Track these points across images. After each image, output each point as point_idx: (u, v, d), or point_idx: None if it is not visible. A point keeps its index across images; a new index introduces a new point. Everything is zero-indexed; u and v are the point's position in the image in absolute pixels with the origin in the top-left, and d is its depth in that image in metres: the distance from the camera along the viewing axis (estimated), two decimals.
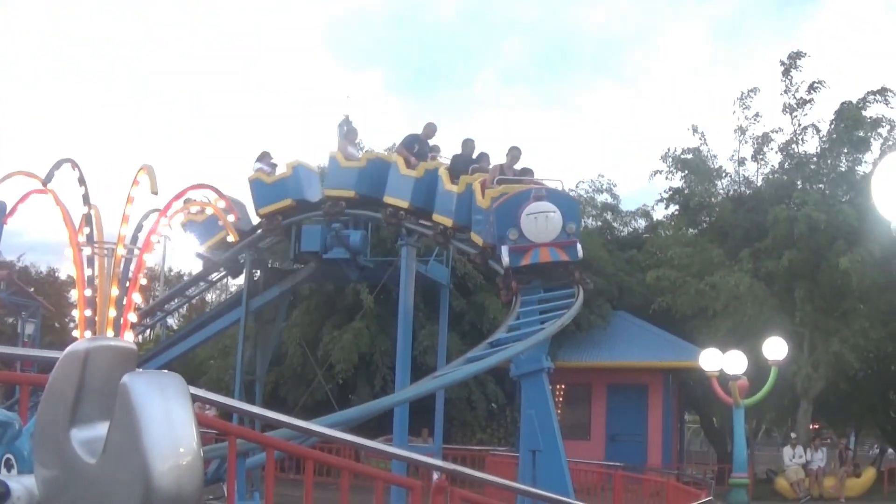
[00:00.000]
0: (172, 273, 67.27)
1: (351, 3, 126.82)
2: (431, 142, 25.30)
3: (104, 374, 2.97)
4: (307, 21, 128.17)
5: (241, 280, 30.88)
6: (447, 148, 25.29)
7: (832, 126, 38.01)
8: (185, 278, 68.75)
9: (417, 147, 24.69)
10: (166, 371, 2.90)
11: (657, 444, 38.98)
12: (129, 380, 2.74)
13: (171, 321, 45.84)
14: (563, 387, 38.64)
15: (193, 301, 47.01)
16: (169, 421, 2.70)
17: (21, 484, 3.55)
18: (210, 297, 57.61)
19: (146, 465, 2.64)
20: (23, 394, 6.36)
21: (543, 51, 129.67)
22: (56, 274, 66.50)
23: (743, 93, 39.50)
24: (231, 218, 19.91)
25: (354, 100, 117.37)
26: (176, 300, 41.70)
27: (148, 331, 39.47)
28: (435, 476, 8.86)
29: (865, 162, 38.00)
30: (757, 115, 39.25)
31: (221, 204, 19.29)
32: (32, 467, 3.51)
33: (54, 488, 3.19)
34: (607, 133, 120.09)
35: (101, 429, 2.91)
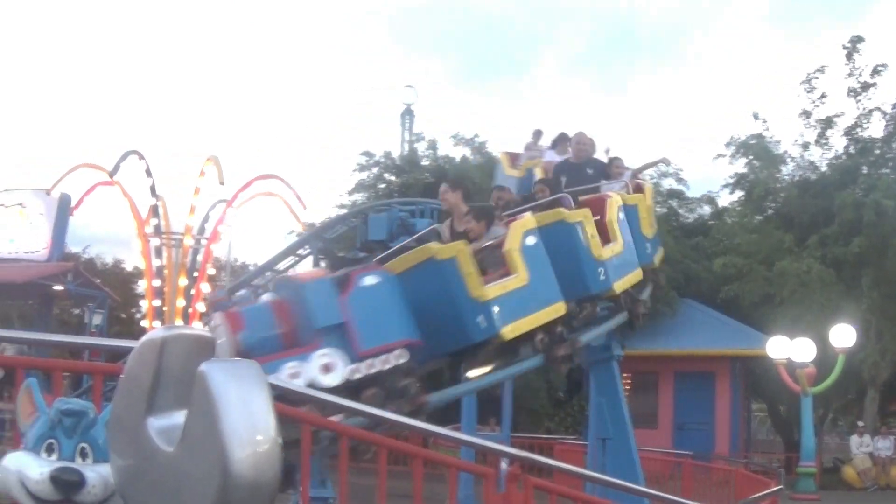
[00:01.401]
0: (238, 263, 67.64)
1: None
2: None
3: (181, 362, 2.97)
4: (371, 10, 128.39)
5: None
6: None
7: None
8: (251, 269, 69.12)
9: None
10: (243, 359, 2.89)
11: (724, 433, 38.68)
12: (207, 368, 2.73)
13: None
14: (629, 375, 38.47)
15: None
16: (247, 408, 2.69)
17: (96, 472, 3.57)
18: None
19: (224, 452, 2.64)
20: (96, 383, 6.38)
21: (603, 36, 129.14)
22: (122, 265, 66.93)
23: (808, 74, 39.08)
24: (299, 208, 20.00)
25: (416, 89, 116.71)
26: (243, 290, 41.76)
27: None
28: (502, 465, 8.82)
29: None
30: (823, 96, 38.82)
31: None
32: (107, 456, 3.52)
33: (130, 476, 3.20)
34: (669, 118, 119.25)
35: (177, 417, 2.91)
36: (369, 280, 11.24)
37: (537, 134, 21.41)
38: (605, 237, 15.16)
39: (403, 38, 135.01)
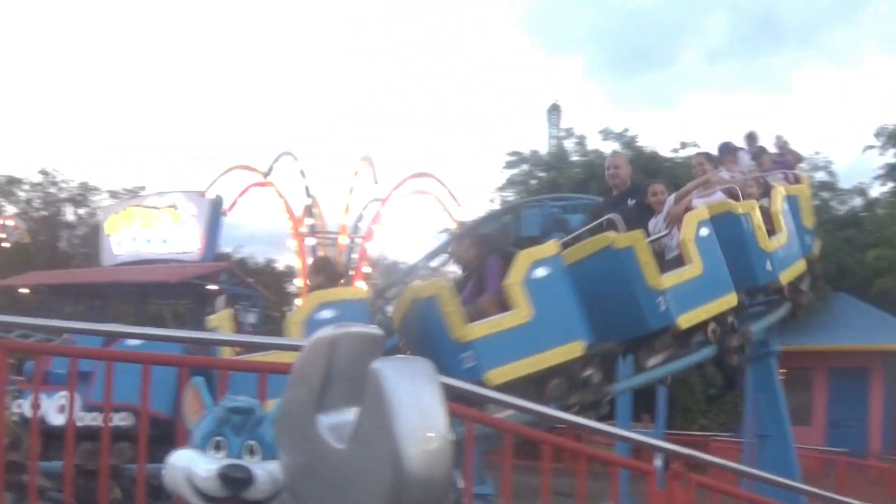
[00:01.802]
0: (388, 261, 68.11)
1: None
2: None
3: (351, 360, 2.99)
4: (506, 4, 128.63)
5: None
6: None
7: None
8: (401, 266, 69.58)
9: None
10: (415, 357, 2.89)
11: (878, 430, 38.04)
12: (380, 366, 2.74)
13: (391, 308, 46.36)
14: (784, 371, 37.94)
15: None
16: (419, 406, 2.69)
17: (264, 469, 3.59)
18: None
19: (397, 449, 2.64)
20: (261, 381, 6.44)
21: (747, 26, 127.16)
22: (273, 264, 67.82)
23: None
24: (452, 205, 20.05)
25: (557, 85, 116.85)
26: (395, 288, 42.08)
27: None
28: (657, 462, 8.71)
29: None
30: None
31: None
32: (274, 453, 3.54)
33: (299, 474, 3.22)
34: (817, 109, 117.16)
35: (348, 414, 2.92)
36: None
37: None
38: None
39: (546, 34, 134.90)
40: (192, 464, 3.66)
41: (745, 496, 8.92)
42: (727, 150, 17.43)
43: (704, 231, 13.01)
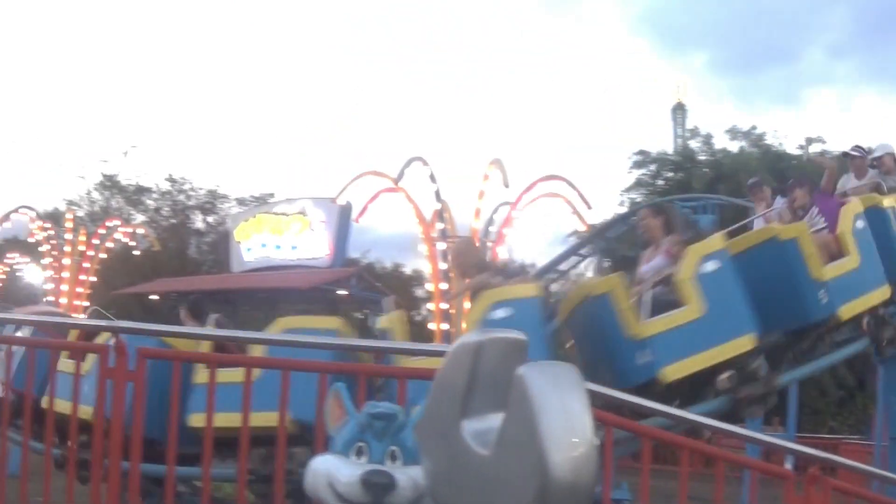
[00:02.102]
0: (515, 264, 67.95)
1: None
2: None
3: (496, 365, 3.00)
4: (624, 4, 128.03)
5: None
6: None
7: None
8: (529, 269, 69.67)
9: None
10: (560, 362, 2.89)
11: None
12: (526, 371, 2.75)
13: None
14: None
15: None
16: (565, 412, 2.70)
17: (406, 475, 3.61)
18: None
19: (543, 455, 2.65)
20: (400, 387, 6.51)
21: (871, 20, 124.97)
22: (401, 269, 68.18)
23: None
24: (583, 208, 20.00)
25: (681, 84, 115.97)
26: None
27: None
28: (787, 465, 8.61)
29: None
30: None
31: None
32: (416, 459, 3.56)
33: (442, 479, 3.24)
34: None
35: (492, 420, 2.93)
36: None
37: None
38: None
39: (667, 32, 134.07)
40: (333, 469, 3.69)
41: (883, 501, 8.78)
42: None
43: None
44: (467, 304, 13.64)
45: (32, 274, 37.33)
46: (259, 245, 44.47)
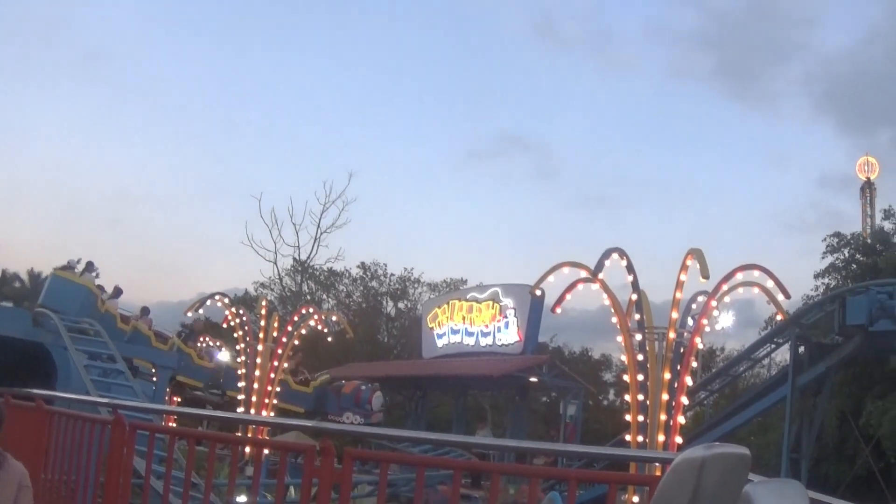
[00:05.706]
0: (703, 350, 67.27)
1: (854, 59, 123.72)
2: None
3: (719, 481, 2.99)
4: (805, 81, 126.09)
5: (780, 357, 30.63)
6: None
7: None
8: (718, 355, 68.85)
9: None
10: (787, 479, 2.98)
11: None
12: (753, 489, 2.84)
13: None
14: None
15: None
16: None
17: None
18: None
19: None
20: (570, 488, 6.63)
21: None
22: (589, 353, 67.90)
23: None
24: (780, 297, 19.86)
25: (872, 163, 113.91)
26: (719, 380, 41.86)
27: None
28: None
29: None
30: None
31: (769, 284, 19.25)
32: None
33: None
34: None
35: None
36: None
37: None
38: None
39: (851, 109, 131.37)
40: None
41: None
42: None
43: None
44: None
45: (222, 357, 38.23)
46: (451, 331, 45.00)
